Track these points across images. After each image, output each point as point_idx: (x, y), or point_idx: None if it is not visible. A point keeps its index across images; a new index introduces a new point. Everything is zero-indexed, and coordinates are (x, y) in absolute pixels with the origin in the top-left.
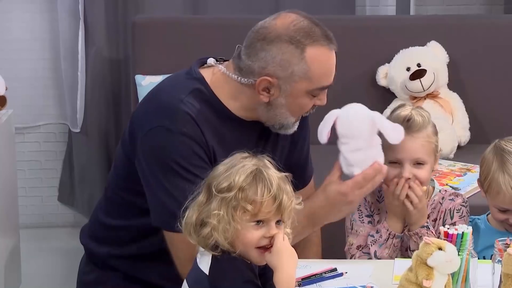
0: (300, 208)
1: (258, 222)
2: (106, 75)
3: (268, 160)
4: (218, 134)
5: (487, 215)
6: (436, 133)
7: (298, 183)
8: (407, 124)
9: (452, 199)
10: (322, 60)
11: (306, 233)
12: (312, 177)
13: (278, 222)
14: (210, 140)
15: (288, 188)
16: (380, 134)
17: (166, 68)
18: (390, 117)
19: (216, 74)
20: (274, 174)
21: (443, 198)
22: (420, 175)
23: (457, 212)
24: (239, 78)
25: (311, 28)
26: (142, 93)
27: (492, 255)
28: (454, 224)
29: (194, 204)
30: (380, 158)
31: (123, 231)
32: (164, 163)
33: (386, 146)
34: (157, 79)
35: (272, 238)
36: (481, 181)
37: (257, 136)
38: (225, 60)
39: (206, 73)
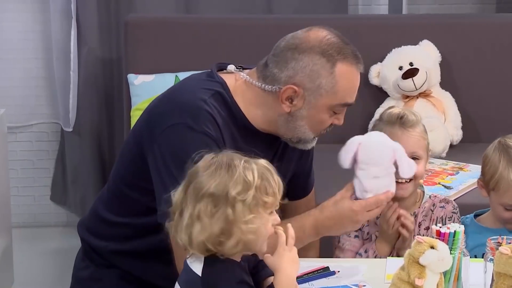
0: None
1: (271, 213)
2: (98, 75)
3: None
4: (234, 141)
5: (474, 215)
6: (427, 132)
7: (301, 191)
8: (401, 120)
9: (443, 206)
10: (350, 78)
11: (309, 241)
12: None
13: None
14: (228, 145)
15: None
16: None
17: (159, 67)
18: (382, 117)
19: (238, 81)
20: (266, 162)
21: (433, 205)
22: (417, 169)
23: (449, 220)
24: (263, 85)
25: (342, 45)
26: (134, 93)
27: (483, 253)
28: None
29: (197, 216)
30: (393, 188)
31: (124, 228)
32: (181, 161)
33: None
34: (149, 78)
35: (276, 225)
36: (484, 181)
37: (267, 148)
38: (244, 68)
39: (228, 79)
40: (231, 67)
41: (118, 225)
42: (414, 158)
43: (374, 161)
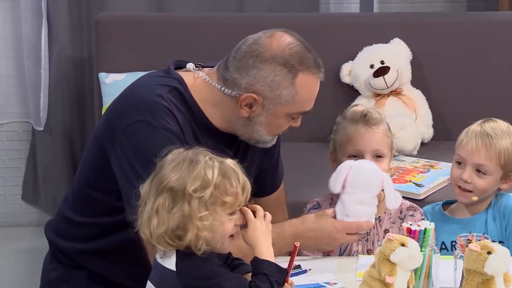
0: None
1: (232, 213)
2: (69, 73)
3: (205, 150)
4: (195, 137)
5: (443, 203)
6: (390, 130)
7: (269, 187)
8: (365, 118)
9: (412, 215)
10: (310, 88)
11: (286, 250)
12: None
13: None
14: (189, 139)
15: (244, 173)
16: None
17: (130, 66)
18: (346, 114)
19: (197, 80)
20: (233, 163)
21: (401, 212)
22: (380, 167)
23: None
24: (222, 88)
25: (305, 54)
26: (106, 91)
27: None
28: None
29: (158, 211)
30: (372, 220)
31: (89, 228)
32: (145, 158)
33: (346, 140)
34: (121, 77)
35: (239, 225)
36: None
37: (227, 147)
38: (204, 66)
39: (186, 76)
40: (190, 65)
41: (83, 225)
42: (378, 156)
43: (363, 187)
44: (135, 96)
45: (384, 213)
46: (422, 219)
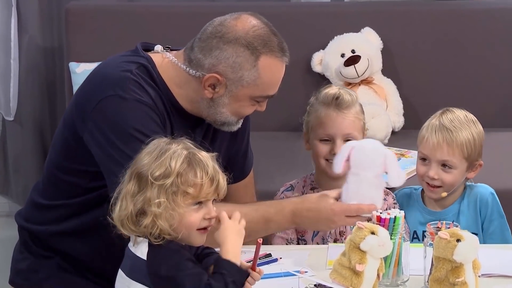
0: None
1: (198, 204)
2: (39, 63)
3: (188, 143)
4: (166, 113)
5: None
6: (363, 112)
7: (239, 173)
8: (336, 101)
9: (384, 199)
10: (273, 71)
11: (286, 228)
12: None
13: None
14: (162, 113)
15: (219, 167)
16: None
17: (101, 55)
18: (318, 96)
19: (164, 60)
20: (206, 156)
21: None
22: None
23: None
24: (187, 68)
25: (269, 37)
26: (76, 81)
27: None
28: None
29: (125, 195)
30: (379, 203)
31: (64, 209)
32: (123, 131)
33: (317, 124)
34: (91, 67)
35: (211, 218)
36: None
37: (196, 127)
38: (172, 49)
39: (154, 57)
40: (158, 47)
41: (56, 207)
42: (349, 139)
43: (366, 165)
44: (103, 74)
45: None
46: (394, 203)
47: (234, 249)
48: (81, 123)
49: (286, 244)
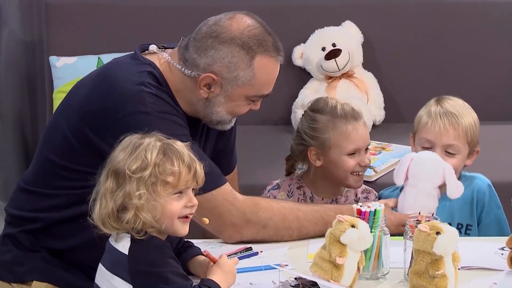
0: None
1: (179, 193)
2: (19, 57)
3: (160, 135)
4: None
5: None
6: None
7: (226, 167)
8: (353, 113)
9: (366, 197)
10: (268, 71)
11: None
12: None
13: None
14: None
15: (194, 155)
16: None
17: (81, 50)
18: (328, 111)
19: (162, 62)
20: (181, 145)
21: (356, 194)
22: (369, 158)
23: None
24: (183, 68)
25: (264, 37)
26: (56, 75)
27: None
28: None
29: (104, 194)
30: (434, 212)
31: (65, 197)
32: None
33: (343, 139)
34: (71, 61)
35: (193, 206)
36: (413, 128)
37: (192, 130)
38: (166, 48)
39: (153, 59)
40: (153, 47)
41: (55, 196)
42: (366, 149)
43: (424, 177)
44: (117, 89)
45: (341, 195)
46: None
47: (222, 283)
48: (96, 136)
49: None
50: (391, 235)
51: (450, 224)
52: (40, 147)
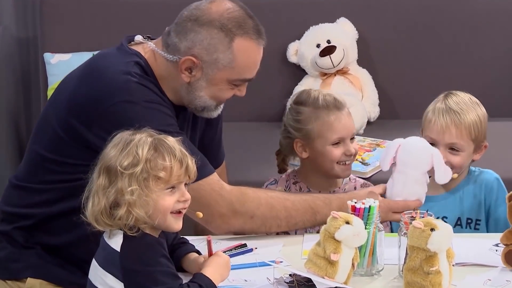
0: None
1: (171, 188)
2: (14, 54)
3: (151, 131)
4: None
5: None
6: None
7: (213, 161)
8: (336, 103)
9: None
10: (249, 54)
11: None
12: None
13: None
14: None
15: (186, 150)
16: None
17: (76, 46)
18: (310, 103)
19: (147, 51)
20: (172, 140)
21: (355, 188)
22: (355, 148)
23: None
24: (165, 54)
25: (244, 20)
26: (51, 72)
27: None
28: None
29: (96, 191)
30: (423, 198)
31: (54, 192)
32: None
33: (326, 129)
34: (66, 57)
35: (186, 201)
36: (422, 124)
37: (177, 116)
38: (152, 38)
39: (138, 49)
40: (138, 38)
41: (45, 191)
42: (351, 138)
43: (413, 163)
44: (103, 79)
45: (338, 188)
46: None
47: (215, 276)
48: (83, 127)
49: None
50: (381, 222)
51: (459, 219)
52: (31, 143)
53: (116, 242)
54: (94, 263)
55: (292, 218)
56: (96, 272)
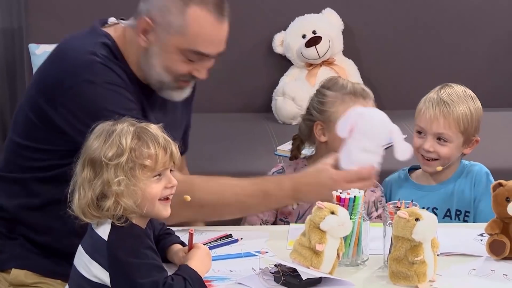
0: None
1: (157, 176)
2: None
3: (132, 120)
4: (133, 89)
5: (409, 170)
6: None
7: (183, 147)
8: (363, 92)
9: (373, 191)
10: (203, 24)
11: (285, 203)
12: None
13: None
14: (129, 86)
15: (168, 136)
16: None
17: (61, 37)
18: (337, 88)
19: (117, 29)
20: (154, 127)
21: None
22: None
23: (380, 203)
24: (129, 22)
25: None
26: (36, 62)
27: None
28: (379, 216)
29: (82, 184)
30: (377, 166)
31: (32, 182)
32: (96, 114)
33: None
34: (51, 48)
35: (173, 187)
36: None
37: (149, 96)
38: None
39: (109, 31)
40: (112, 20)
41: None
42: None
43: (370, 134)
44: (67, 59)
45: None
46: (382, 196)
47: (199, 267)
48: (49, 107)
49: (261, 224)
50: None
51: (449, 210)
52: (10, 132)
53: (103, 230)
54: (80, 249)
55: (243, 204)
56: (81, 258)
